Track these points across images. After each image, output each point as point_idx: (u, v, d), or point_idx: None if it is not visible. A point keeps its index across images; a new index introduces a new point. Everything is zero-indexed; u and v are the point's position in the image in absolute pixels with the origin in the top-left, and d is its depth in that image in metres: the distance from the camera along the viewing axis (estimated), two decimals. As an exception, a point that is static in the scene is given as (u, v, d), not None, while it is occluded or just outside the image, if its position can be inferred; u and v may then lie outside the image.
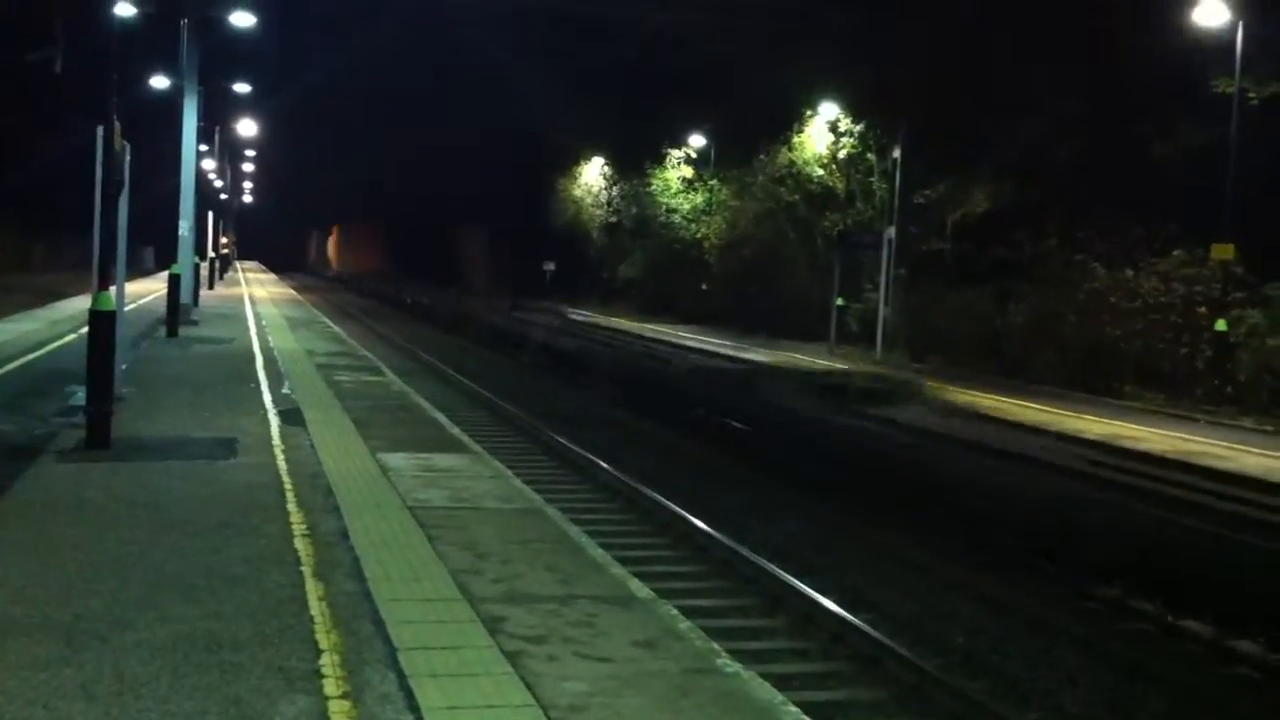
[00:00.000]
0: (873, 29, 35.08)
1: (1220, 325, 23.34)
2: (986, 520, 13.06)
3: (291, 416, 14.18)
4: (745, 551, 11.25)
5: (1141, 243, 26.23)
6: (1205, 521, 13.14)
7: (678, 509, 12.89)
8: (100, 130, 12.28)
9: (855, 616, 9.39)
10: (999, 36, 31.10)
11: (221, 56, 38.08)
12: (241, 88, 40.78)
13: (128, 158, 12.87)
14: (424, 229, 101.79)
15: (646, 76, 52.68)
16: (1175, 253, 25.45)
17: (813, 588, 10.05)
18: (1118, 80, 28.21)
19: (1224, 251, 23.33)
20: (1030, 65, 29.76)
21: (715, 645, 6.64)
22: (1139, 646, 9.66)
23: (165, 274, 29.12)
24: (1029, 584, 11.20)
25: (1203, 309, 24.42)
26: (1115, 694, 8.64)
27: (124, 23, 14.26)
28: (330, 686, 5.65)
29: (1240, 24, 23.01)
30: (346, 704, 5.46)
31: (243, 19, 29.24)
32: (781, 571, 10.57)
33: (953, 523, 12.98)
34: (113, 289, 12.05)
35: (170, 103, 31.43)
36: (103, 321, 11.66)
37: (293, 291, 56.10)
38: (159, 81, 36.55)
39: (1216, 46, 24.14)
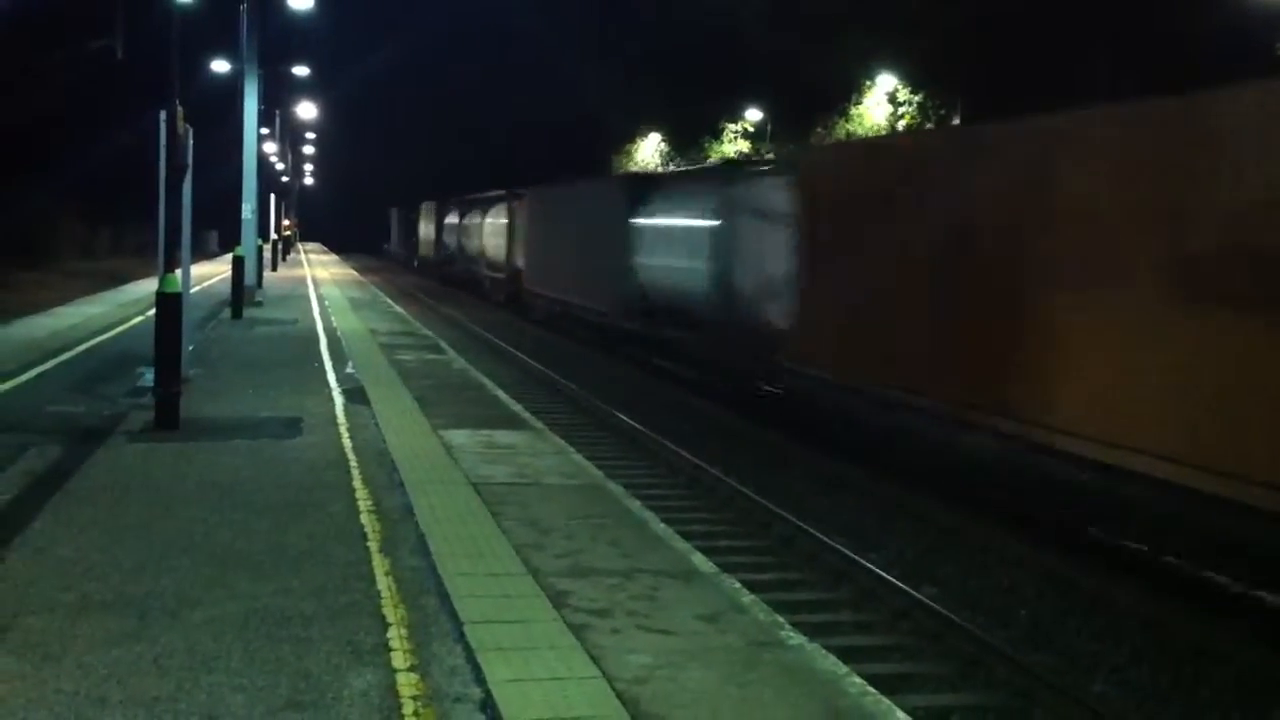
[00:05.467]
0: (930, 6, 34.74)
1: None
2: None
3: (355, 395, 14.33)
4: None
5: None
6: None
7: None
8: (163, 115, 12.42)
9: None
10: (1056, 11, 30.69)
11: (282, 40, 38.40)
12: (301, 71, 41.02)
13: (191, 142, 13.02)
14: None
15: (701, 52, 52.52)
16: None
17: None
18: (1176, 50, 27.73)
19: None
20: (1088, 40, 29.37)
21: (779, 618, 6.65)
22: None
23: (229, 256, 29.41)
24: None
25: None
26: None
27: (185, 7, 14.37)
28: (398, 659, 5.72)
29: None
30: (414, 677, 5.52)
31: (301, 1, 29.38)
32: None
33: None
34: (178, 271, 12.20)
35: (232, 87, 31.71)
36: (169, 303, 11.80)
37: (354, 273, 56.39)
38: (220, 66, 36.92)
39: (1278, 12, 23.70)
